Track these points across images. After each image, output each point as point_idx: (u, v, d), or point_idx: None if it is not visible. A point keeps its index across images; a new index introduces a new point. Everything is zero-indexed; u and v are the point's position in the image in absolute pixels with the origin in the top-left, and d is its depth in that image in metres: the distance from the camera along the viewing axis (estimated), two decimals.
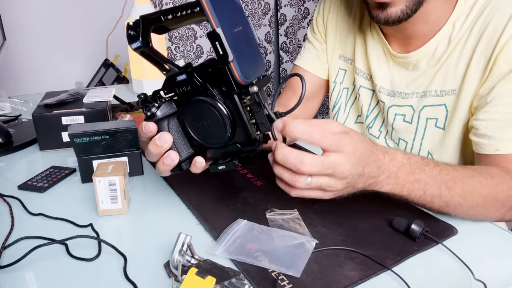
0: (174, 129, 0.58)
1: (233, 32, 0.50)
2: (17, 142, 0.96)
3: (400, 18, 0.68)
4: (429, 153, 0.78)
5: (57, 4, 1.63)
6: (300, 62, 0.95)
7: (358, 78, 0.86)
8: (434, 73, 0.74)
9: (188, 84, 0.54)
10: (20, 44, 1.60)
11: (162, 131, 0.57)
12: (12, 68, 1.62)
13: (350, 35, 0.88)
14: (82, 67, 1.73)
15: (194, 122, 0.56)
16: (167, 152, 0.57)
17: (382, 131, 0.85)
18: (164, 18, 0.52)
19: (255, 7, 2.16)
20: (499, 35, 0.66)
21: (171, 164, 0.57)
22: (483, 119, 0.67)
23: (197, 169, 0.58)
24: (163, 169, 0.59)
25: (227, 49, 0.48)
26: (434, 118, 0.76)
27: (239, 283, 0.47)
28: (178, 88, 0.55)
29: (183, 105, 0.56)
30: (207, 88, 0.53)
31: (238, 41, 0.50)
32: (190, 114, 0.56)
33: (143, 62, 1.28)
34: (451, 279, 0.53)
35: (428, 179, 0.59)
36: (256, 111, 0.53)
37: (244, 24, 0.52)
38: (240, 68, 0.49)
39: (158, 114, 0.56)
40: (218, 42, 0.48)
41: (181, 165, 0.58)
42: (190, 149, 0.59)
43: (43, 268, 0.57)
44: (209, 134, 0.56)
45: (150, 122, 0.57)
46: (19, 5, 1.57)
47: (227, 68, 0.49)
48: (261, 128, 0.54)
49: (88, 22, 1.68)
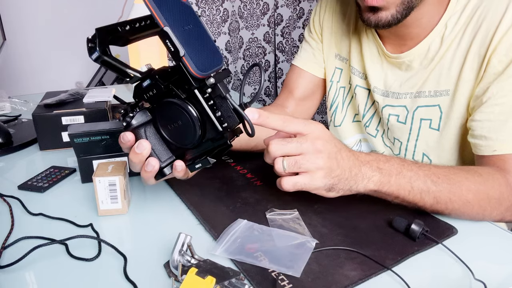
0: (151, 136, 0.59)
1: (182, 30, 0.51)
2: (17, 142, 0.96)
3: (390, 22, 0.69)
4: (424, 154, 0.78)
5: (57, 4, 1.63)
6: (297, 61, 0.96)
7: (354, 77, 0.86)
8: (427, 73, 0.74)
9: (153, 87, 0.55)
10: (20, 44, 1.60)
11: (140, 140, 0.58)
12: (12, 68, 1.62)
13: (346, 35, 0.88)
14: (82, 67, 1.73)
15: (167, 125, 0.57)
16: (147, 160, 0.58)
17: (379, 130, 0.85)
18: (121, 29, 0.55)
19: (254, 7, 2.16)
20: (492, 34, 0.66)
21: (152, 170, 0.58)
22: (479, 119, 0.67)
23: (178, 172, 0.59)
24: (145, 177, 0.59)
25: (177, 45, 0.49)
26: (428, 119, 0.76)
27: (239, 283, 0.47)
28: (145, 94, 0.56)
29: (154, 110, 0.57)
30: (171, 89, 0.54)
31: (189, 38, 0.51)
32: (162, 118, 0.57)
33: (143, 63, 1.28)
34: (451, 279, 0.53)
35: (410, 172, 0.60)
36: (220, 104, 0.54)
37: (194, 23, 0.53)
38: (193, 62, 0.50)
39: (133, 123, 0.57)
40: (168, 40, 0.49)
41: (163, 171, 0.59)
42: (171, 154, 0.59)
43: (43, 268, 0.57)
44: (182, 135, 0.56)
45: (127, 132, 0.58)
46: (19, 5, 1.57)
47: (182, 64, 0.50)
48: (229, 121, 0.54)
49: (88, 22, 1.68)
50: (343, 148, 0.58)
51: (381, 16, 0.68)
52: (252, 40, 2.23)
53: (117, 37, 0.55)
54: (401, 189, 0.60)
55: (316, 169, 0.55)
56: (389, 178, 0.60)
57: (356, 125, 0.91)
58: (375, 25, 0.70)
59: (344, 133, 0.92)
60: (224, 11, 2.05)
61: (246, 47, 2.23)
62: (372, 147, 0.88)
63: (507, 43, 0.64)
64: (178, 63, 0.51)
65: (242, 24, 2.17)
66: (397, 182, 0.60)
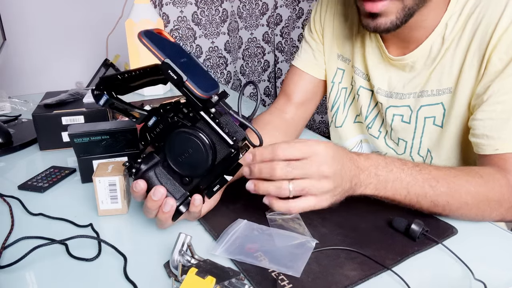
0: (162, 176, 0.60)
1: (180, 62, 0.54)
2: (17, 142, 0.96)
3: (389, 28, 0.69)
4: (428, 150, 0.78)
5: (57, 4, 1.63)
6: (297, 62, 0.95)
7: (358, 78, 0.86)
8: (429, 73, 0.74)
9: (159, 123, 0.58)
10: (20, 44, 1.60)
11: (155, 186, 0.58)
12: (12, 68, 1.62)
13: (349, 36, 0.88)
14: (82, 67, 1.73)
15: (178, 158, 0.58)
16: (164, 200, 0.58)
17: (381, 131, 0.85)
18: (122, 77, 0.58)
19: (253, 7, 2.16)
20: (492, 31, 0.66)
21: (171, 210, 0.58)
22: (481, 118, 0.67)
23: (196, 207, 0.59)
24: (163, 218, 0.59)
25: (179, 72, 0.52)
26: (431, 116, 0.76)
27: (239, 283, 0.47)
28: (152, 132, 0.58)
29: (163, 148, 0.58)
30: (177, 121, 0.57)
31: (187, 67, 0.54)
32: (171, 152, 0.58)
33: (143, 63, 1.28)
34: (451, 279, 0.53)
35: (408, 178, 0.60)
36: (225, 122, 0.56)
37: (188, 57, 0.57)
38: (196, 84, 0.53)
39: (142, 167, 0.59)
40: (170, 70, 0.53)
41: (179, 209, 0.59)
42: (183, 191, 0.60)
43: (43, 268, 0.57)
44: (195, 164, 0.57)
45: (139, 180, 0.59)
46: (19, 5, 1.57)
47: (185, 89, 0.53)
48: (237, 135, 0.56)
49: (88, 22, 1.68)
50: (345, 161, 0.57)
51: (380, 22, 0.69)
52: (251, 40, 2.23)
53: (117, 85, 0.58)
54: (397, 194, 0.61)
55: (322, 193, 0.55)
56: (386, 185, 0.60)
57: (357, 126, 0.91)
58: (374, 31, 0.71)
59: (346, 134, 0.92)
60: (223, 11, 2.05)
61: (245, 47, 2.23)
62: (374, 148, 0.88)
63: (507, 41, 0.64)
64: (182, 90, 0.54)
65: (241, 24, 2.17)
66: (393, 187, 0.60)
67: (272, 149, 0.54)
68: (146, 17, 1.25)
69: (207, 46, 2.07)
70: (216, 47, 2.10)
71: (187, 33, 1.99)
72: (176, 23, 1.95)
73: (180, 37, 1.98)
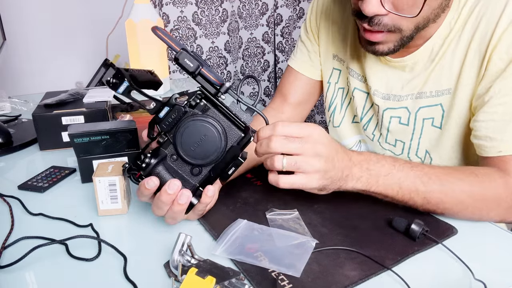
0: (171, 170, 0.60)
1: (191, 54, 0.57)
2: (17, 142, 0.96)
3: (387, 53, 0.71)
4: (427, 152, 0.78)
5: (57, 4, 1.63)
6: (293, 63, 0.95)
7: (352, 79, 0.86)
8: (428, 74, 0.74)
9: (172, 113, 0.58)
10: (20, 44, 1.60)
11: (170, 179, 0.58)
12: (12, 68, 1.62)
13: (344, 38, 0.87)
14: (82, 67, 1.73)
15: (189, 147, 0.58)
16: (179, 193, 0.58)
17: (375, 134, 0.85)
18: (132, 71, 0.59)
19: (253, 7, 2.16)
20: (492, 31, 0.65)
21: (187, 201, 0.58)
22: (483, 120, 0.66)
23: (209, 197, 0.59)
24: (178, 210, 0.58)
25: (196, 60, 0.55)
26: (430, 118, 0.75)
27: (239, 283, 0.47)
28: (164, 123, 0.58)
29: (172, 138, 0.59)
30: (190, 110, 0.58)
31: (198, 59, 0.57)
32: (183, 142, 0.58)
33: (143, 63, 1.28)
34: (451, 279, 0.53)
35: (400, 173, 0.62)
36: (234, 108, 0.58)
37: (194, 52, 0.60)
38: (210, 72, 0.57)
39: (152, 162, 0.59)
40: (186, 59, 0.55)
41: (190, 201, 0.59)
42: (192, 183, 0.60)
43: (43, 268, 0.57)
44: (208, 151, 0.58)
45: (152, 177, 0.58)
46: (19, 5, 1.57)
47: (201, 76, 0.56)
48: (245, 119, 0.58)
49: (88, 22, 1.68)
50: (339, 150, 0.60)
51: (378, 48, 0.70)
52: (251, 40, 2.23)
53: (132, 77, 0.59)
54: (389, 189, 0.62)
55: (313, 171, 0.57)
56: (377, 179, 0.61)
57: (355, 126, 0.90)
58: (372, 53, 0.72)
59: (344, 133, 0.92)
60: (223, 11, 2.05)
61: (245, 47, 2.23)
62: (371, 149, 0.88)
63: (508, 41, 0.64)
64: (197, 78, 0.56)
65: (242, 24, 2.18)
66: (385, 182, 0.61)
67: (273, 126, 0.58)
68: (146, 17, 1.25)
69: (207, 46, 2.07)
70: (216, 47, 2.10)
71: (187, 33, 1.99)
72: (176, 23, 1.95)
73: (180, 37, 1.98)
